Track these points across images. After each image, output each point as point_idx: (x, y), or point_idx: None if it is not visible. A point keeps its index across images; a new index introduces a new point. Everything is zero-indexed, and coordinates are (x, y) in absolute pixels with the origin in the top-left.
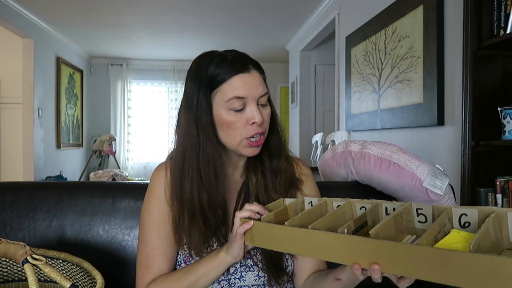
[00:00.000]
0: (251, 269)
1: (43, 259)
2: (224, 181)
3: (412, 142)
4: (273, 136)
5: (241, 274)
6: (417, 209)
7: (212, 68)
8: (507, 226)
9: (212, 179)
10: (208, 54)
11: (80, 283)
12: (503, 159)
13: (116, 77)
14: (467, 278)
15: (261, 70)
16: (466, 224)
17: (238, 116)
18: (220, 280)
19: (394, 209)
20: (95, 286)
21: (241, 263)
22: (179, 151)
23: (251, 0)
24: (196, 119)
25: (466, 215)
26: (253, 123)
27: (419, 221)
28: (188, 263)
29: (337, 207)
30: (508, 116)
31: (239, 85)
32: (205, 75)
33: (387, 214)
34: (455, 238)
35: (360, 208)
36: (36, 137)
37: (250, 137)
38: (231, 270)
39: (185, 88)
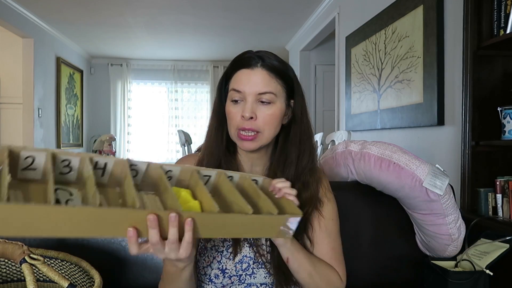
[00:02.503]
0: (263, 266)
1: (41, 258)
2: None
3: (412, 142)
4: (290, 147)
5: (252, 270)
6: (130, 165)
7: (230, 64)
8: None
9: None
10: (240, 53)
11: (78, 282)
12: (503, 159)
13: (116, 77)
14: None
15: (272, 69)
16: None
17: (236, 108)
18: (231, 275)
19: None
20: (93, 286)
21: (254, 259)
22: (207, 137)
23: (251, 0)
24: (219, 108)
25: (171, 171)
26: (243, 116)
27: (133, 176)
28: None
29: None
30: (508, 116)
31: (238, 79)
32: (226, 70)
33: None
34: (187, 197)
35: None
36: (36, 137)
37: (241, 130)
38: (244, 266)
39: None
